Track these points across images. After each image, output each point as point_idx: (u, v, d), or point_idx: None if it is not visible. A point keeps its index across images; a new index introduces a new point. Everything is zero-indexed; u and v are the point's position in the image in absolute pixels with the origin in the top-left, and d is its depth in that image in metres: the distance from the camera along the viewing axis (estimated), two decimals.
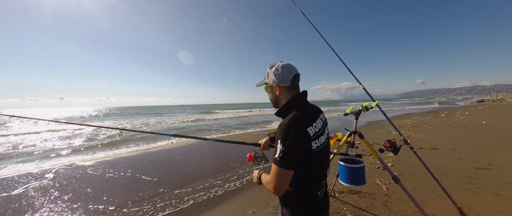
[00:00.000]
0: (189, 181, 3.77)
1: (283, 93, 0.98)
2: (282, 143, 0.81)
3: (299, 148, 0.83)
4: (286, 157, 0.80)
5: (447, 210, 2.31)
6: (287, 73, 0.95)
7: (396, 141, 1.79)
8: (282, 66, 0.96)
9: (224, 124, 14.46)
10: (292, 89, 0.97)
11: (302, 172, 0.87)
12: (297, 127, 0.83)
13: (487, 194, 2.64)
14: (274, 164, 0.83)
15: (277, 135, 0.85)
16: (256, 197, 3.02)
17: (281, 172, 0.81)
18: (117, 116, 35.32)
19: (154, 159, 5.30)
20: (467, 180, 3.09)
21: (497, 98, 33.76)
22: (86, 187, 3.64)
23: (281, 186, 0.83)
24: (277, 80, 0.96)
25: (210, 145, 6.52)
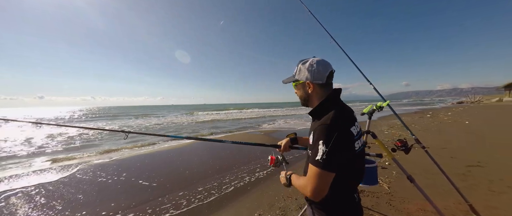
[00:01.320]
0: (189, 183, 3.63)
1: (316, 91, 0.93)
2: (326, 144, 0.76)
3: (344, 149, 0.78)
4: (329, 159, 0.75)
5: (448, 207, 2.38)
6: (323, 70, 0.90)
7: (407, 141, 1.81)
8: (317, 62, 0.91)
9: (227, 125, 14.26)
10: (326, 87, 0.93)
11: (342, 174, 0.83)
12: (341, 127, 0.79)
13: (482, 191, 2.77)
14: (316, 166, 0.78)
15: (318, 135, 0.80)
16: (260, 200, 2.96)
17: (323, 174, 0.76)
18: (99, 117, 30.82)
19: (149, 162, 5.07)
20: (462, 178, 3.22)
21: (475, 100, 36.30)
22: (76, 193, 3.39)
23: (322, 189, 0.78)
24: (311, 77, 0.91)
25: (208, 146, 6.36)
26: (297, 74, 0.97)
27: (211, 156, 5.35)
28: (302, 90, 0.98)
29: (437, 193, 2.70)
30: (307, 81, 0.93)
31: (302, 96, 1.00)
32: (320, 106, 0.91)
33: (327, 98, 0.91)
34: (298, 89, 1.00)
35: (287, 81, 1.05)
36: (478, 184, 2.96)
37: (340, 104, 0.91)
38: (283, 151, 1.34)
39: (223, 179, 3.79)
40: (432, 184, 2.95)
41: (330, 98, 0.91)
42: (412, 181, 1.63)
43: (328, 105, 0.89)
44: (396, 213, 2.37)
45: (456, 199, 2.51)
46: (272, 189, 3.29)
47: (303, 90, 0.97)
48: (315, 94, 0.94)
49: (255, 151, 5.50)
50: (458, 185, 2.97)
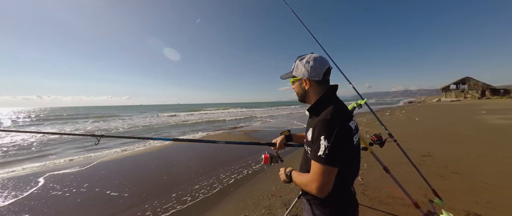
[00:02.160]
0: (166, 189, 3.35)
1: (313, 88, 0.94)
2: (327, 139, 0.76)
3: (345, 144, 0.80)
4: (332, 154, 0.76)
5: (411, 192, 2.72)
6: (319, 67, 0.91)
7: (381, 135, 1.98)
8: (314, 59, 0.91)
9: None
10: (323, 83, 0.94)
11: (343, 169, 0.84)
12: (341, 122, 0.80)
13: (434, 176, 3.24)
14: (318, 162, 0.78)
15: (319, 131, 0.80)
16: (245, 200, 2.91)
17: (327, 170, 0.77)
18: (45, 120, 24.06)
19: (118, 168, 4.51)
20: (418, 166, 3.73)
21: (421, 100, 42.92)
22: (22, 212, 2.80)
23: (327, 185, 0.78)
24: (308, 74, 0.91)
25: (185, 148, 5.99)
26: (295, 71, 0.97)
27: (190, 159, 5.05)
28: (299, 86, 0.98)
29: (401, 181, 3.06)
30: (303, 77, 0.93)
31: (299, 93, 1.00)
32: (318, 103, 0.92)
33: (324, 94, 0.93)
34: (295, 85, 1.00)
35: (284, 77, 1.03)
36: (430, 171, 3.46)
37: (337, 100, 0.93)
38: (278, 149, 1.32)
39: (204, 182, 3.61)
40: (398, 174, 3.33)
41: (327, 94, 0.93)
42: (388, 172, 1.79)
43: (326, 102, 0.90)
44: (370, 201, 2.60)
45: (417, 185, 2.89)
46: (256, 188, 3.27)
47: (300, 86, 0.97)
48: (312, 91, 0.94)
49: (236, 151, 5.41)
50: (415, 172, 3.42)
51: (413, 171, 2.20)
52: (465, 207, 2.34)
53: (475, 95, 40.12)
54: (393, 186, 2.75)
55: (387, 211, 2.37)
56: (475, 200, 2.47)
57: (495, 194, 2.61)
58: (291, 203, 2.62)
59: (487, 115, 11.21)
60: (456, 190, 2.75)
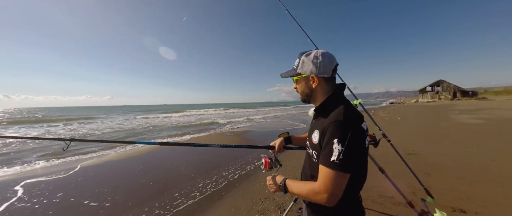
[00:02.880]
0: (153, 196, 3.11)
1: (321, 86, 0.86)
2: (341, 142, 0.69)
3: (359, 147, 0.73)
4: (347, 159, 0.68)
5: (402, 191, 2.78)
6: (329, 63, 0.83)
7: (375, 135, 1.98)
8: (323, 54, 0.84)
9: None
10: (331, 81, 0.87)
11: (354, 175, 0.77)
12: (355, 123, 0.73)
13: (420, 174, 3.35)
14: (331, 168, 0.69)
15: (331, 133, 0.72)
16: (237, 205, 2.78)
17: (340, 177, 0.69)
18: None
19: (97, 174, 4.15)
20: (404, 165, 3.86)
21: (401, 101, 45.69)
22: None
23: (338, 193, 0.70)
24: (316, 70, 0.83)
25: (174, 151, 5.70)
26: (300, 68, 0.88)
27: (179, 162, 4.81)
28: (305, 84, 0.89)
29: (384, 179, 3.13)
30: (311, 74, 0.85)
31: (304, 91, 0.91)
32: (327, 102, 0.85)
33: (333, 93, 0.86)
34: (300, 83, 0.91)
35: (287, 75, 0.94)
36: (416, 169, 3.59)
37: (346, 100, 0.86)
38: (277, 152, 1.23)
39: (193, 186, 3.42)
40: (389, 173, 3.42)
41: (336, 93, 0.86)
42: (383, 172, 1.78)
43: (336, 101, 0.83)
44: (363, 201, 2.61)
45: (405, 183, 2.97)
46: (249, 191, 3.16)
47: (306, 84, 0.89)
48: (320, 89, 0.87)
49: (227, 153, 5.25)
50: (403, 171, 3.52)
51: (402, 169, 2.25)
52: (450, 203, 2.43)
53: (448, 97, 43.61)
54: (386, 185, 2.80)
55: (380, 210, 2.39)
56: (459, 196, 2.59)
57: (475, 189, 2.75)
58: (285, 206, 2.56)
59: (460, 115, 12.15)
60: (441, 187, 2.86)
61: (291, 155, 4.62)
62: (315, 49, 0.89)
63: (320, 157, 0.76)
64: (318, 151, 0.80)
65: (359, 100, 2.03)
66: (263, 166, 1.13)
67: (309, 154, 0.91)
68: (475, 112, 13.06)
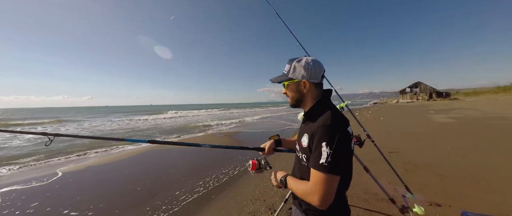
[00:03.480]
0: (142, 201, 3.00)
1: (311, 91, 0.90)
2: (329, 145, 0.73)
3: (346, 150, 0.78)
4: (335, 162, 0.72)
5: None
6: (318, 69, 0.89)
7: (360, 136, 2.09)
8: (313, 61, 0.89)
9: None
10: (320, 86, 0.92)
11: (343, 176, 0.82)
12: (341, 127, 0.78)
13: (400, 171, 3.57)
14: (320, 170, 0.73)
15: (319, 137, 0.76)
16: (227, 207, 2.77)
17: (330, 179, 0.73)
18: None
19: (78, 181, 3.89)
20: (386, 163, 4.09)
21: (383, 102, 48.23)
22: None
23: (330, 196, 0.73)
24: (308, 75, 0.88)
25: (162, 153, 5.52)
26: (292, 73, 0.91)
27: (167, 165, 4.66)
28: (296, 89, 0.93)
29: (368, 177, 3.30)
30: (303, 80, 0.89)
31: (295, 96, 0.94)
32: (316, 107, 0.89)
33: (322, 98, 0.90)
34: (291, 89, 0.94)
35: (277, 80, 0.97)
36: (397, 166, 3.81)
37: (333, 105, 0.91)
38: (267, 154, 1.26)
39: (183, 189, 3.34)
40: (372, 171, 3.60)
41: (324, 98, 0.90)
42: (367, 171, 1.88)
43: (323, 106, 0.87)
44: (350, 200, 2.63)
45: (387, 180, 3.15)
46: (239, 193, 3.16)
47: (298, 89, 0.92)
48: (310, 94, 0.91)
49: (217, 155, 5.19)
50: (384, 168, 3.72)
51: (385, 167, 2.39)
52: (427, 197, 2.62)
53: (424, 97, 46.81)
54: (371, 183, 2.94)
55: (365, 207, 2.51)
56: (435, 191, 2.80)
57: (448, 184, 3.00)
58: (275, 207, 2.60)
59: (435, 114, 13.10)
60: (419, 182, 3.08)
61: (281, 156, 4.69)
62: (304, 56, 0.93)
63: (310, 160, 0.80)
64: (308, 154, 0.83)
65: (345, 102, 2.12)
66: (250, 168, 1.16)
67: (299, 157, 0.94)
68: (448, 112, 14.17)
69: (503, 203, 2.42)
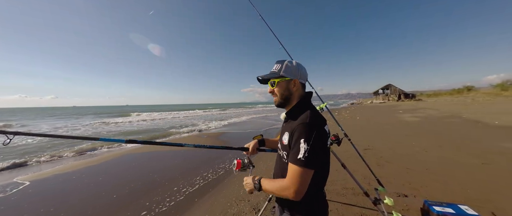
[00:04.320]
0: (120, 207, 2.78)
1: (299, 90, 0.97)
2: (307, 142, 0.78)
3: (322, 146, 0.83)
4: (311, 156, 0.78)
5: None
6: (305, 72, 0.98)
7: (338, 135, 2.22)
8: (300, 64, 0.98)
9: None
10: (304, 88, 1.00)
11: (318, 172, 0.87)
12: (319, 126, 0.83)
13: (374, 166, 3.89)
14: (297, 165, 0.78)
15: (298, 134, 0.81)
16: (211, 209, 2.73)
17: (305, 173, 0.78)
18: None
19: (42, 191, 3.46)
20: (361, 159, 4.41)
21: (359, 102, 51.78)
22: None
23: (304, 188, 0.79)
24: (299, 75, 0.95)
25: (139, 156, 5.18)
26: (284, 71, 0.95)
27: (145, 169, 4.40)
28: (286, 87, 0.96)
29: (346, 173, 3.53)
30: (294, 78, 0.94)
31: (284, 94, 0.97)
32: (298, 106, 0.94)
33: (303, 99, 0.96)
34: (281, 86, 0.97)
35: (267, 77, 0.99)
36: (371, 162, 4.14)
37: (313, 105, 0.96)
38: (251, 153, 1.28)
39: (164, 193, 3.19)
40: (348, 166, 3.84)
41: (306, 99, 0.96)
42: (345, 168, 2.01)
43: (305, 106, 0.93)
44: (328, 195, 2.87)
45: (362, 175, 3.39)
46: (223, 194, 3.12)
47: (287, 88, 0.96)
48: (297, 93, 0.97)
49: (200, 156, 5.06)
50: (360, 164, 3.99)
51: (360, 163, 2.58)
52: (396, 189, 2.89)
53: (394, 98, 51.33)
54: (348, 178, 3.14)
55: (343, 201, 2.67)
56: (402, 183, 3.10)
57: (412, 176, 3.34)
58: (260, 206, 2.63)
59: (403, 114, 14.46)
60: (389, 176, 3.37)
61: (265, 156, 4.75)
62: (289, 59, 0.97)
63: (289, 156, 0.84)
64: (288, 151, 0.87)
65: (325, 103, 2.23)
66: (235, 168, 1.16)
67: (280, 155, 0.98)
68: (414, 112, 15.76)
69: (458, 191, 2.78)
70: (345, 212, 2.39)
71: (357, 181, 1.92)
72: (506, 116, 9.60)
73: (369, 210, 2.38)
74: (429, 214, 1.80)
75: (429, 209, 1.81)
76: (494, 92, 30.85)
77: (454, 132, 6.75)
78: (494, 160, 3.88)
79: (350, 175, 1.96)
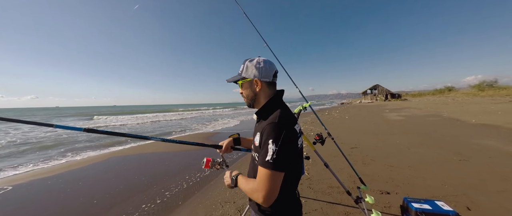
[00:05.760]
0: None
1: (263, 90, 0.91)
2: (275, 142, 0.74)
3: (291, 147, 0.79)
4: (280, 158, 0.73)
5: (344, 181, 3.21)
6: (269, 68, 0.90)
7: (322, 134, 2.22)
8: (264, 61, 0.91)
9: None
10: (272, 86, 0.93)
11: (289, 172, 0.83)
12: (288, 125, 0.79)
13: (359, 164, 3.96)
14: (265, 167, 0.74)
15: (267, 134, 0.77)
16: (195, 212, 2.64)
17: (274, 176, 0.74)
18: None
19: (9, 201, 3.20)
20: (348, 158, 4.48)
21: (349, 102, 53.13)
22: None
23: (274, 193, 0.74)
24: (259, 75, 0.89)
25: (117, 162, 4.95)
26: (244, 72, 0.91)
27: (128, 173, 4.21)
28: (249, 88, 0.93)
29: (336, 171, 3.57)
30: (255, 78, 0.89)
31: (249, 95, 0.94)
32: (267, 105, 0.90)
33: (273, 97, 0.92)
34: (245, 88, 0.94)
35: (232, 80, 0.95)
36: (357, 160, 4.22)
37: (284, 104, 0.93)
38: (224, 152, 1.23)
39: (146, 197, 3.06)
40: (334, 166, 3.88)
41: (275, 98, 0.92)
42: (327, 167, 2.01)
43: (274, 105, 0.89)
44: (314, 194, 2.88)
45: (348, 174, 3.43)
46: (209, 196, 3.04)
47: (251, 88, 0.92)
48: (262, 93, 0.92)
49: (185, 158, 4.93)
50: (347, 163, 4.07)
51: (346, 162, 2.60)
52: (379, 187, 2.95)
53: (382, 98, 53.23)
54: (334, 178, 3.16)
55: (328, 200, 2.68)
56: (385, 180, 3.17)
57: (396, 173, 3.43)
58: (245, 208, 2.58)
59: (389, 113, 15.00)
60: (374, 174, 3.44)
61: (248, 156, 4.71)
62: (257, 57, 0.93)
63: (258, 158, 0.80)
64: (259, 153, 0.83)
65: (308, 103, 2.22)
66: (204, 166, 1.11)
67: (253, 156, 0.94)
68: (399, 111, 16.39)
69: (437, 187, 2.88)
70: (330, 211, 2.39)
71: (340, 180, 1.92)
72: (482, 115, 10.23)
73: (352, 209, 2.40)
74: (408, 210, 1.83)
75: (408, 206, 1.84)
76: (472, 92, 32.86)
77: (435, 130, 7.06)
78: (471, 157, 4.08)
79: (332, 174, 1.96)
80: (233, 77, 0.96)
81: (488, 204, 2.35)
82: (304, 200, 2.68)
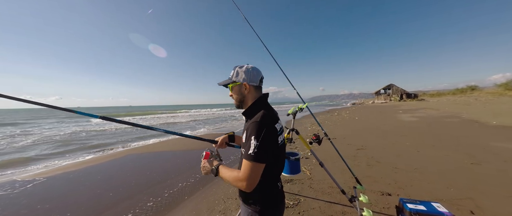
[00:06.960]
0: (104, 210, 2.89)
1: (251, 93, 1.04)
2: (256, 139, 0.86)
3: (271, 143, 0.91)
4: (260, 152, 0.85)
5: (345, 181, 3.23)
6: (256, 74, 1.03)
7: (319, 134, 2.29)
8: (252, 67, 1.04)
9: None
10: (258, 89, 1.06)
11: (269, 166, 0.94)
12: (268, 124, 0.91)
13: (363, 166, 3.93)
14: (249, 160, 0.86)
15: (249, 132, 0.89)
16: (199, 207, 2.81)
17: (255, 167, 0.86)
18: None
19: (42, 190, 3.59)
20: (353, 158, 4.45)
21: (361, 102, 51.41)
22: None
23: (255, 181, 0.86)
24: (248, 79, 1.02)
25: (128, 159, 5.30)
26: (235, 77, 1.04)
27: (133, 171, 4.52)
28: (239, 91, 1.05)
29: (339, 171, 3.59)
30: (244, 82, 1.02)
31: (238, 98, 1.07)
32: (253, 106, 1.03)
33: (258, 99, 1.04)
34: (235, 91, 1.07)
35: (223, 83, 1.09)
36: (361, 161, 4.19)
37: (268, 105, 1.04)
38: (219, 146, 1.37)
39: (153, 193, 3.30)
40: (337, 166, 3.89)
41: (260, 99, 1.05)
42: (322, 166, 2.07)
43: (259, 106, 1.01)
44: (315, 193, 2.94)
45: (350, 174, 3.43)
46: (212, 192, 3.21)
47: (240, 91, 1.05)
48: (250, 95, 1.05)
49: (190, 156, 5.16)
50: (351, 163, 4.05)
51: (349, 162, 2.63)
52: (381, 188, 2.94)
53: (396, 98, 50.86)
54: (326, 177, 3.19)
55: (327, 199, 2.73)
56: (388, 182, 3.14)
57: (401, 176, 3.38)
58: None
59: (402, 114, 14.39)
60: (377, 175, 3.42)
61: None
62: (246, 64, 1.05)
63: (243, 152, 0.92)
64: (244, 148, 0.95)
65: (305, 104, 2.30)
66: (203, 158, 1.24)
67: (241, 152, 1.07)
68: (414, 112, 15.66)
69: (442, 190, 2.82)
70: (327, 210, 2.45)
71: (335, 180, 1.98)
72: (506, 116, 9.52)
73: (350, 208, 2.43)
74: (403, 211, 1.85)
75: (403, 206, 1.86)
76: (498, 91, 30.36)
77: (449, 132, 6.73)
78: (484, 160, 3.89)
79: (327, 173, 2.02)
80: (224, 81, 1.09)
81: (493, 209, 2.28)
82: (303, 199, 2.75)
